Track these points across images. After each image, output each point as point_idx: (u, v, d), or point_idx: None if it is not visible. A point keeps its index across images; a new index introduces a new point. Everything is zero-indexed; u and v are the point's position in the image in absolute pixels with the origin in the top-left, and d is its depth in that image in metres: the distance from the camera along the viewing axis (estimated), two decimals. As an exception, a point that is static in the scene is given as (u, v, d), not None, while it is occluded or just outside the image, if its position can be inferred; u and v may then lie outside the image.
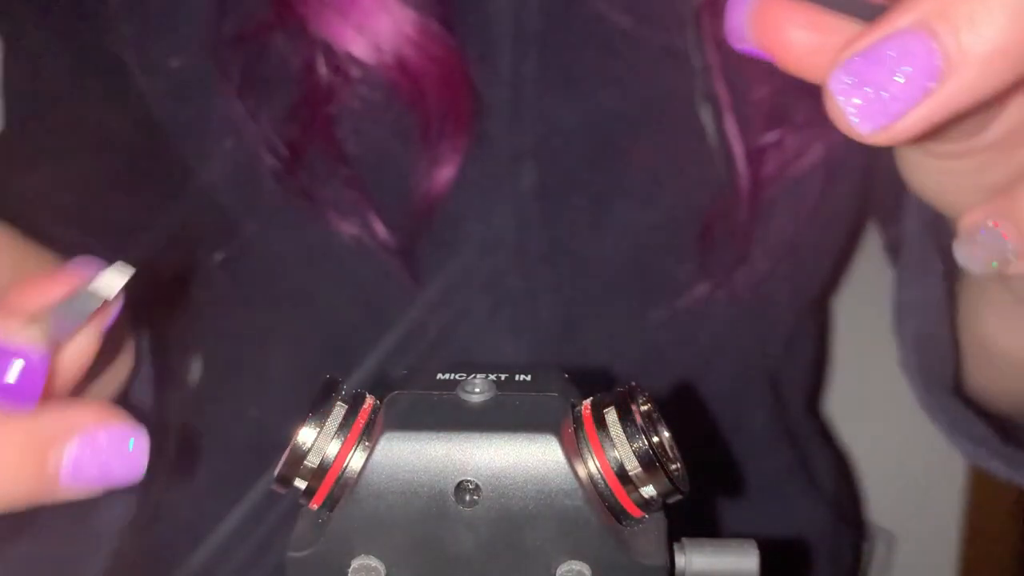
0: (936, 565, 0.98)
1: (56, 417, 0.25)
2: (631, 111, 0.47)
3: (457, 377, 0.26)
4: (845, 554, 0.61)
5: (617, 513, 0.25)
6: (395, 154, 0.47)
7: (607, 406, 0.25)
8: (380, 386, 0.27)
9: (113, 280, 0.27)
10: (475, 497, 0.24)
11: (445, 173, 0.46)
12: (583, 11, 0.45)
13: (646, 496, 0.25)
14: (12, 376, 0.25)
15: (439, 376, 0.26)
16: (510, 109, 0.46)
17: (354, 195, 0.47)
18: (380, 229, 0.47)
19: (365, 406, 0.26)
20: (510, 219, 0.47)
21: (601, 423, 0.25)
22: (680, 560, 0.25)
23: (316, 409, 0.25)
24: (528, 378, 0.26)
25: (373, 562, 0.24)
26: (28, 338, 0.25)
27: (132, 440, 0.26)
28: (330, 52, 0.44)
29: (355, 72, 0.44)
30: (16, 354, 0.25)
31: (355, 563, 0.24)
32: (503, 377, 0.26)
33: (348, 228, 0.47)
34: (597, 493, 0.25)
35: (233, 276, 0.53)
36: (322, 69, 0.44)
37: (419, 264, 0.48)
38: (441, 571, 0.25)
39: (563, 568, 0.24)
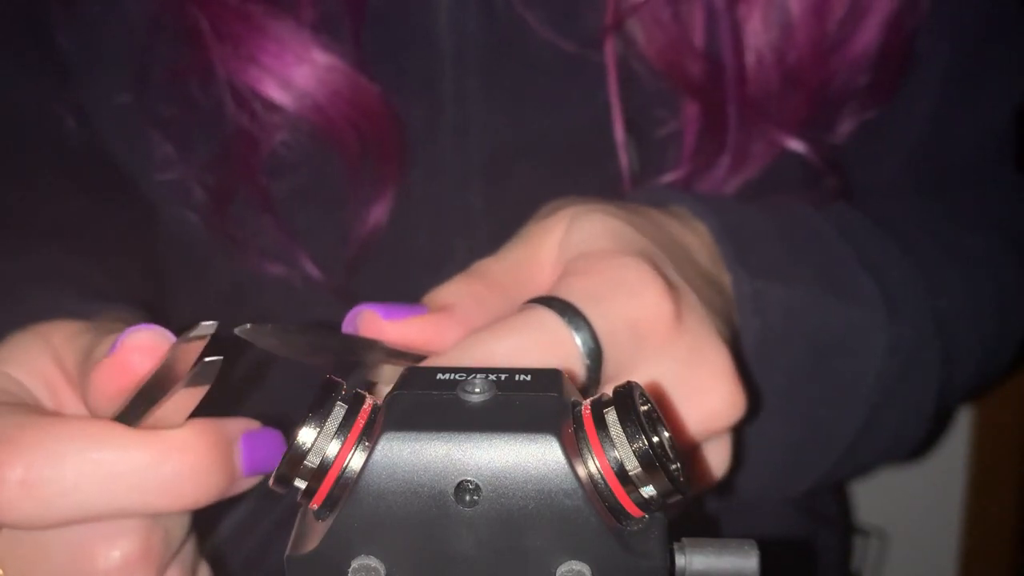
0: (933, 562, 0.98)
1: (227, 426, 0.31)
2: (576, 131, 0.47)
3: (457, 377, 0.26)
4: (826, 552, 0.60)
5: (617, 513, 0.25)
6: (326, 196, 0.48)
7: (607, 406, 0.25)
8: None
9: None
10: (475, 497, 0.24)
11: (377, 211, 0.47)
12: (524, 33, 0.46)
13: (646, 496, 0.25)
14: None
15: (439, 376, 0.26)
16: (456, 130, 0.47)
17: (281, 238, 0.48)
18: (311, 269, 0.48)
19: (365, 406, 0.25)
20: (460, 237, 0.48)
21: (601, 423, 0.25)
22: (680, 560, 0.25)
23: (316, 409, 0.25)
24: (528, 378, 0.26)
25: (373, 562, 0.24)
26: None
27: (272, 436, 0.33)
28: (253, 100, 0.45)
29: (277, 119, 0.45)
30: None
31: (355, 563, 0.24)
32: (503, 377, 0.26)
33: (274, 269, 0.48)
34: (597, 493, 0.25)
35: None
36: (244, 117, 0.45)
37: (362, 286, 0.49)
38: (441, 571, 0.24)
39: (563, 568, 0.24)
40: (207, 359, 0.28)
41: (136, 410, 0.30)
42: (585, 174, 0.48)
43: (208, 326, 0.29)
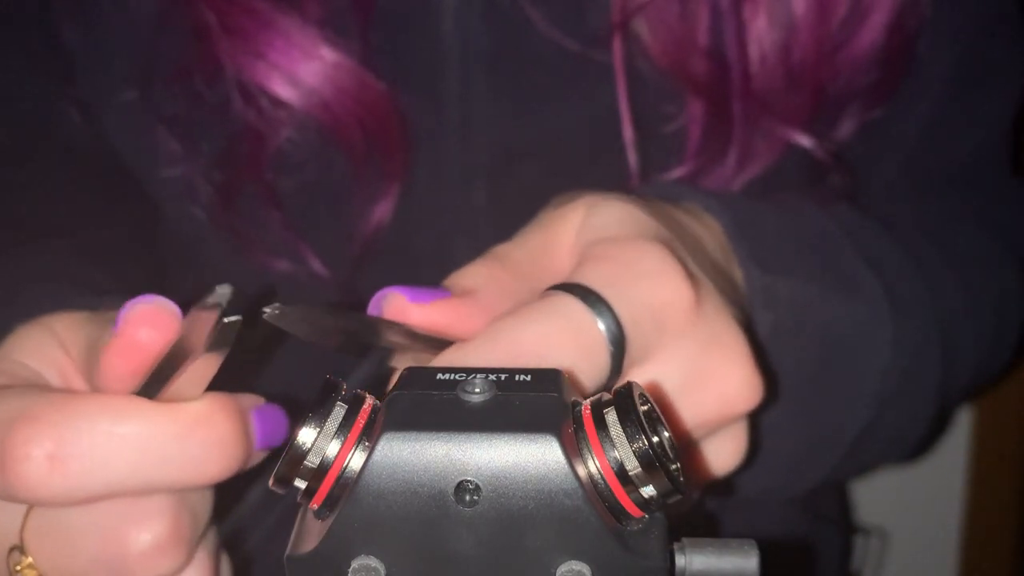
0: (933, 562, 0.98)
1: (239, 401, 0.31)
2: (580, 129, 0.47)
3: (457, 377, 0.26)
4: (826, 552, 0.61)
5: (617, 513, 0.25)
6: (330, 193, 0.48)
7: (607, 406, 0.25)
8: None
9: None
10: (475, 497, 0.24)
11: (381, 209, 0.47)
12: (529, 33, 0.46)
13: (646, 496, 0.25)
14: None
15: (439, 376, 0.26)
16: (460, 129, 0.47)
17: (287, 235, 0.48)
18: (316, 266, 0.48)
19: (365, 406, 0.25)
20: (463, 235, 0.48)
21: (601, 423, 0.25)
22: (680, 560, 0.25)
23: (316, 409, 0.25)
24: (528, 378, 0.26)
25: (373, 562, 0.24)
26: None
27: (277, 412, 0.33)
28: (259, 96, 0.45)
29: (284, 116, 0.45)
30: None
31: (355, 563, 0.24)
32: (503, 377, 0.26)
33: (280, 265, 0.48)
34: (597, 493, 0.25)
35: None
36: (251, 113, 0.45)
37: (367, 283, 0.49)
38: (441, 571, 0.24)
39: (563, 568, 0.24)
40: (226, 320, 0.28)
41: (155, 384, 0.29)
42: (589, 172, 0.48)
43: (223, 291, 0.29)
